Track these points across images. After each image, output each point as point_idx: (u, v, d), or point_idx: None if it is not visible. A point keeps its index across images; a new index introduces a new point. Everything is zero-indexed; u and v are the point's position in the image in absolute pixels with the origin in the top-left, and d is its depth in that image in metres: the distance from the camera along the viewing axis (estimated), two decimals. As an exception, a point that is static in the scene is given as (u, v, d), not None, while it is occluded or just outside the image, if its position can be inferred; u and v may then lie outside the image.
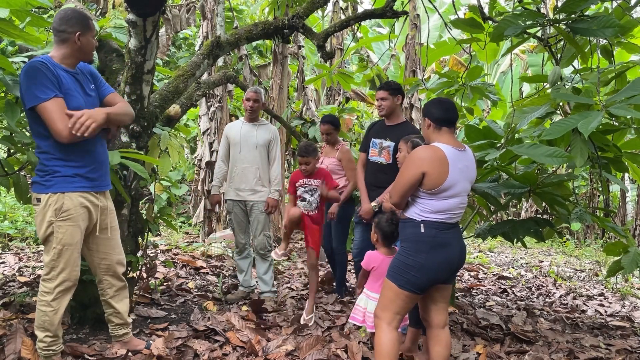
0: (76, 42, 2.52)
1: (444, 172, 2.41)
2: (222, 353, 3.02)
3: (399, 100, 3.86)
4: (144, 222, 3.57)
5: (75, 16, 2.53)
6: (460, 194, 2.49)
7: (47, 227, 2.48)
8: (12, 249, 5.81)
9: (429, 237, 2.46)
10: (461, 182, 2.47)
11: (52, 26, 2.55)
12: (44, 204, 2.47)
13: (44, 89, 2.37)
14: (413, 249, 2.49)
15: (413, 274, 2.46)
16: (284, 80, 7.87)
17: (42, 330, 2.54)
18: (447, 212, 2.47)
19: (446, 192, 2.44)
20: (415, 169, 2.42)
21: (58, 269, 2.52)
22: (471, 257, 8.17)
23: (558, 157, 3.02)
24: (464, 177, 2.49)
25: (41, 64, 2.39)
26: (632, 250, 3.68)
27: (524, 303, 5.02)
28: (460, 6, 11.29)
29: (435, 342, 2.64)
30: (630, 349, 3.56)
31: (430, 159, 2.41)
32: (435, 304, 2.65)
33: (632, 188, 12.68)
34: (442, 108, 2.57)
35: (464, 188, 2.50)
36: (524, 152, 3.19)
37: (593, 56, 3.56)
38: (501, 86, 11.40)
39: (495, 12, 4.10)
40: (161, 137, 3.41)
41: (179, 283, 4.68)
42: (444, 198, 2.45)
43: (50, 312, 2.52)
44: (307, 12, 4.20)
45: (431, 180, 2.41)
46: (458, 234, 2.59)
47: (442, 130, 2.55)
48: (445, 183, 2.41)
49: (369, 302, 2.93)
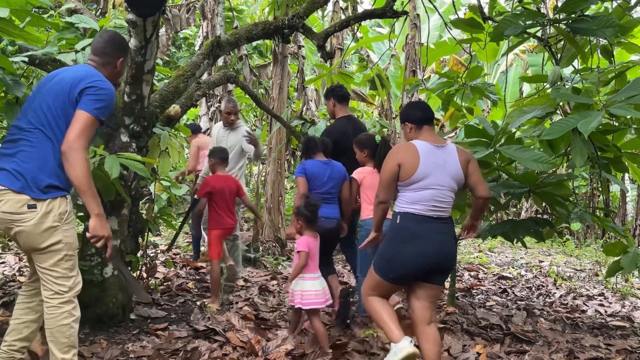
0: (116, 67, 2.57)
1: (415, 164, 2.60)
2: (222, 353, 3.02)
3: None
4: (144, 222, 3.57)
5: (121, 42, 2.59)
6: (434, 187, 2.61)
7: (50, 234, 2.25)
8: (12, 249, 5.80)
9: (403, 228, 2.62)
10: (436, 175, 2.62)
11: (95, 45, 2.54)
12: (43, 210, 2.23)
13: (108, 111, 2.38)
14: (389, 239, 2.66)
15: (387, 264, 2.62)
16: (284, 80, 7.86)
17: (69, 349, 2.32)
18: (420, 203, 2.61)
19: (418, 184, 2.60)
20: (391, 162, 2.65)
21: (73, 276, 2.34)
22: (471, 257, 8.16)
23: (543, 162, 3.03)
24: (440, 171, 2.63)
25: None
26: (632, 250, 3.68)
27: (524, 303, 5.02)
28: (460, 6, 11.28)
29: (423, 339, 2.67)
30: (630, 349, 3.56)
31: (404, 152, 2.65)
32: (418, 301, 2.68)
33: (632, 188, 12.67)
34: (419, 108, 2.83)
35: (440, 182, 2.62)
36: (512, 154, 3.21)
37: (593, 56, 3.56)
38: (501, 86, 11.40)
39: (495, 12, 4.10)
40: (161, 137, 3.41)
41: (179, 283, 4.68)
42: (417, 189, 2.61)
43: (74, 321, 2.33)
44: (307, 12, 4.20)
45: (404, 172, 2.62)
46: (439, 229, 2.64)
47: (422, 129, 2.76)
48: (416, 174, 2.59)
49: (314, 283, 3.22)
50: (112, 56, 2.53)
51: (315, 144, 3.91)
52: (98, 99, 2.31)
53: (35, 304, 2.45)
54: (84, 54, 3.32)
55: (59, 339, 2.29)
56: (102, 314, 3.26)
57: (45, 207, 2.24)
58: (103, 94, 2.33)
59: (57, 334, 2.29)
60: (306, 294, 3.19)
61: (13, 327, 2.43)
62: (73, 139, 2.23)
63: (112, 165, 2.67)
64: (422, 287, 2.67)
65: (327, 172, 3.82)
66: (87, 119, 2.27)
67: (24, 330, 2.43)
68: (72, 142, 2.22)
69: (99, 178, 2.92)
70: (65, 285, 2.31)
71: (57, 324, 2.30)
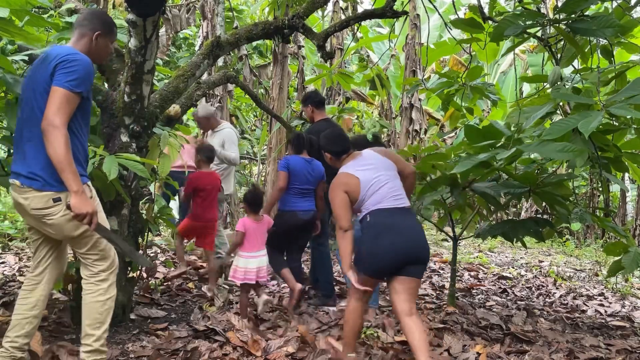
0: (92, 41, 2.49)
1: (357, 182, 2.89)
2: (222, 353, 3.02)
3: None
4: (144, 222, 3.57)
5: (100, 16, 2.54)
6: (383, 183, 2.89)
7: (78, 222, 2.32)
8: (12, 249, 5.81)
9: (376, 222, 2.83)
10: (376, 176, 2.90)
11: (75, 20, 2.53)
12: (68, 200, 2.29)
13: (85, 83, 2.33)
14: (364, 237, 2.86)
15: (366, 259, 2.81)
16: (284, 80, 7.87)
17: (99, 325, 2.44)
18: (383, 200, 2.86)
19: (370, 191, 2.87)
20: (339, 193, 2.89)
21: (107, 255, 2.48)
22: (471, 257, 8.16)
23: (569, 152, 2.99)
24: (377, 170, 2.93)
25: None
26: (632, 250, 3.68)
27: (524, 303, 5.02)
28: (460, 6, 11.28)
29: (407, 330, 2.76)
30: (630, 349, 3.56)
31: (343, 181, 2.92)
32: (397, 295, 2.81)
33: (632, 188, 12.67)
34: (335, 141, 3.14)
35: (384, 178, 2.91)
36: (534, 150, 3.17)
37: (593, 56, 3.56)
38: (501, 86, 11.40)
39: (495, 12, 4.09)
40: (161, 137, 3.41)
41: (179, 283, 4.68)
42: (373, 193, 2.87)
43: (109, 299, 2.48)
44: (307, 12, 4.20)
45: (353, 195, 2.88)
46: (406, 220, 2.86)
47: (341, 159, 3.10)
48: (362, 189, 2.87)
49: (248, 261, 3.62)
50: (88, 28, 2.47)
51: (303, 142, 4.22)
52: (69, 71, 2.26)
53: (35, 299, 2.49)
54: (84, 54, 3.32)
55: (92, 314, 2.43)
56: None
57: (68, 197, 2.28)
58: (74, 66, 2.27)
59: (91, 308, 2.43)
60: (239, 269, 3.61)
61: (15, 322, 2.46)
62: (51, 117, 2.20)
63: (110, 165, 2.66)
64: (399, 282, 2.81)
65: (308, 170, 4.13)
66: (62, 93, 2.24)
67: (26, 326, 2.45)
68: (51, 120, 2.20)
69: (99, 178, 2.92)
70: (103, 265, 2.48)
71: (92, 299, 2.45)
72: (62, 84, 2.25)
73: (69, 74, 2.26)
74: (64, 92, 2.25)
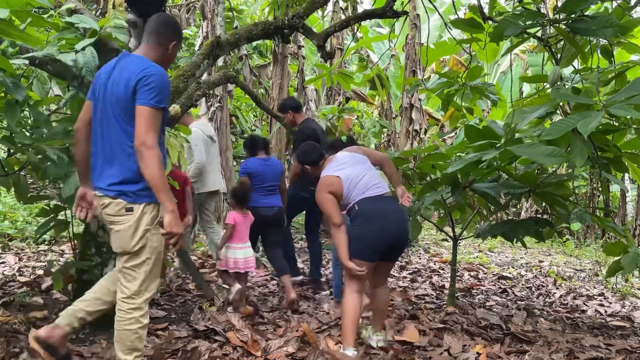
0: (168, 50, 2.48)
1: (339, 182, 3.15)
2: (222, 353, 3.02)
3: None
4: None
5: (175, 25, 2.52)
6: (361, 176, 3.17)
7: (141, 236, 2.33)
8: (12, 249, 5.80)
9: (364, 209, 3.10)
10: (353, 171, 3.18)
11: (147, 29, 2.47)
12: (139, 213, 2.32)
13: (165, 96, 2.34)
14: (355, 225, 3.11)
15: (358, 244, 3.06)
16: (284, 80, 7.87)
17: (131, 351, 2.38)
18: (366, 190, 3.14)
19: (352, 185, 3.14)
20: (325, 195, 3.13)
21: (152, 280, 2.40)
22: (471, 257, 8.17)
23: (557, 156, 3.02)
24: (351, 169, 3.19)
25: None
26: (632, 250, 3.68)
27: (524, 303, 5.02)
28: (460, 6, 11.29)
29: (375, 298, 3.34)
30: (630, 349, 3.56)
31: (326, 184, 3.16)
32: (376, 275, 3.28)
33: (632, 188, 12.67)
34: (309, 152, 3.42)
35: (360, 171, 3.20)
36: (523, 152, 3.19)
37: (593, 56, 3.56)
38: (501, 86, 11.40)
39: (495, 12, 4.09)
40: (161, 137, 3.41)
41: (179, 283, 4.68)
42: (355, 186, 3.15)
43: (141, 328, 2.38)
44: (307, 12, 4.20)
45: (338, 194, 3.14)
46: (393, 207, 3.18)
47: (319, 165, 3.38)
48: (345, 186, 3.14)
49: (236, 251, 3.95)
50: (165, 37, 2.45)
51: (257, 143, 4.57)
52: (150, 88, 2.26)
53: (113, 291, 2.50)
54: (84, 54, 3.32)
55: (123, 341, 2.37)
56: (102, 314, 3.26)
57: (140, 210, 2.33)
58: (153, 81, 2.27)
59: (122, 336, 2.37)
60: (229, 259, 3.93)
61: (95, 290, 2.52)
62: (143, 137, 2.22)
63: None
64: (379, 265, 3.20)
65: (267, 169, 4.47)
66: (149, 113, 2.25)
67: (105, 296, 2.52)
68: (143, 140, 2.22)
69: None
70: (140, 289, 2.36)
71: (123, 327, 2.37)
72: (146, 102, 2.26)
73: (150, 91, 2.26)
74: (150, 110, 2.26)
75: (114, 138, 2.34)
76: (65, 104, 4.10)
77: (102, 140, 2.38)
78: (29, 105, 3.17)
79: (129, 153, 2.31)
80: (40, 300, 3.69)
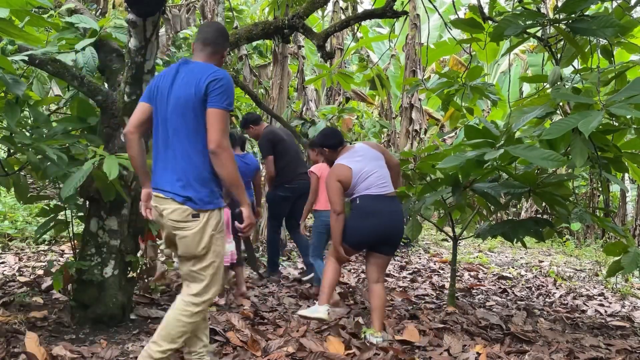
0: (223, 56, 2.60)
1: (349, 173, 3.39)
2: (222, 353, 3.02)
3: None
4: (144, 222, 3.57)
5: (227, 34, 2.65)
6: (371, 173, 3.38)
7: (208, 241, 2.40)
8: (12, 249, 5.80)
9: (363, 205, 3.37)
10: (366, 166, 3.40)
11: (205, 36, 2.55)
12: (205, 219, 2.39)
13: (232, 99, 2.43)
14: (352, 216, 3.41)
15: (350, 233, 3.38)
16: (284, 80, 7.86)
17: (170, 342, 2.42)
18: (372, 187, 3.37)
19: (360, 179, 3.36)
20: (333, 182, 3.38)
21: (215, 283, 2.48)
22: (471, 257, 8.17)
23: (553, 160, 3.04)
24: (367, 161, 3.43)
25: None
26: (632, 250, 3.68)
27: (524, 303, 5.02)
28: (460, 6, 11.29)
29: (371, 294, 3.46)
30: (630, 349, 3.56)
31: (338, 170, 3.41)
32: (370, 266, 3.50)
33: (632, 188, 12.66)
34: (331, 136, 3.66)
35: (372, 167, 3.41)
36: (520, 153, 3.20)
37: (593, 56, 3.56)
38: (501, 86, 11.40)
39: (495, 12, 4.09)
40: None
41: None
42: (363, 180, 3.37)
43: (191, 324, 2.45)
44: (307, 12, 4.20)
45: (346, 182, 3.38)
46: (390, 206, 3.40)
47: (337, 151, 3.59)
48: (354, 178, 3.37)
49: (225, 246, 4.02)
50: (222, 45, 2.58)
51: (234, 140, 4.49)
52: (221, 92, 2.35)
53: None
54: (83, 54, 3.32)
55: (168, 327, 2.42)
56: (102, 314, 3.26)
57: (206, 216, 2.40)
58: (223, 85, 2.37)
59: (170, 322, 2.42)
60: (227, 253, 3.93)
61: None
62: (219, 139, 2.32)
63: (111, 165, 2.66)
64: (373, 256, 3.46)
65: (243, 165, 4.50)
66: (222, 115, 2.35)
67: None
68: (219, 142, 2.32)
69: (99, 178, 2.93)
70: (203, 291, 2.45)
71: (175, 315, 2.42)
72: (219, 105, 2.34)
73: (221, 94, 2.35)
74: (223, 113, 2.35)
75: (179, 142, 2.39)
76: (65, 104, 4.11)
77: (165, 143, 2.43)
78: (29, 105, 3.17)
79: (196, 157, 2.38)
80: (40, 300, 3.70)
